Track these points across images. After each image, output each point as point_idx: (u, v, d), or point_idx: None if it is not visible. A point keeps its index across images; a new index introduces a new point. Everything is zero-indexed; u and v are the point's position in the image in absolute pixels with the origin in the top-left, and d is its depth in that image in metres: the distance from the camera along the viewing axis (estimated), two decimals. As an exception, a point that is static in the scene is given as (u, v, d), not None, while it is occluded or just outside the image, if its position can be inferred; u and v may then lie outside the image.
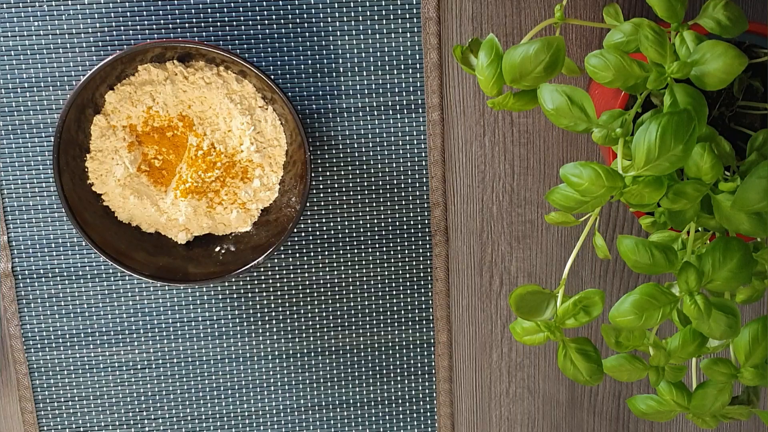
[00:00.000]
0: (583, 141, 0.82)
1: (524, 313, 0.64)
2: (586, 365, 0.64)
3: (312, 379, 0.86)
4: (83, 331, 0.83)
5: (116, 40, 0.77)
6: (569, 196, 0.59)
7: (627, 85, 0.59)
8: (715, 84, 0.57)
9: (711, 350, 0.65)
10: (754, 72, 0.72)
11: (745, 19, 0.61)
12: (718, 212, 0.60)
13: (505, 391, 0.88)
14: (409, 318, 0.85)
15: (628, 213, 0.83)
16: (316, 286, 0.83)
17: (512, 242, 0.84)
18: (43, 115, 0.78)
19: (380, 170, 0.82)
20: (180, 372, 0.84)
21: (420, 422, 0.87)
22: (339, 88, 0.79)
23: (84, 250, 0.81)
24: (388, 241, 0.83)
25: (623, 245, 0.59)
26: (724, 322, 0.60)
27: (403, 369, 0.86)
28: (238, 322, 0.84)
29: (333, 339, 0.85)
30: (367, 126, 0.80)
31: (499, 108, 0.62)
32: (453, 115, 0.81)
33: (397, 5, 0.78)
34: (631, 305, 0.59)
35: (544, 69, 0.59)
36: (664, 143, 0.55)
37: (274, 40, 0.78)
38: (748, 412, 0.67)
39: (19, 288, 0.81)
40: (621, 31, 0.61)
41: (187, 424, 0.86)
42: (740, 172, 0.63)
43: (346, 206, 0.82)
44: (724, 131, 0.73)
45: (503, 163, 0.82)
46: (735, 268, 0.59)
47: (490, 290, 0.85)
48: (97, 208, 0.77)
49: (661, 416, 0.67)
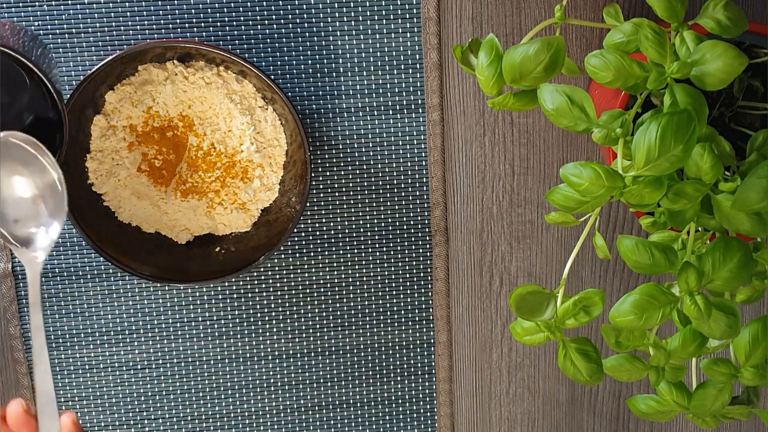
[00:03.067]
0: (583, 141, 0.82)
1: (524, 313, 0.64)
2: (586, 365, 0.64)
3: (312, 379, 0.86)
4: (83, 331, 0.83)
5: (116, 40, 0.77)
6: (569, 196, 0.59)
7: (627, 85, 0.59)
8: (715, 84, 0.57)
9: (711, 350, 0.65)
10: (754, 72, 0.72)
11: (745, 19, 0.61)
12: (718, 212, 0.60)
13: (505, 391, 0.88)
14: (409, 318, 0.85)
15: (628, 213, 0.83)
16: (316, 286, 0.83)
17: (512, 242, 0.84)
18: (43, 115, 0.78)
19: (380, 170, 0.82)
20: (180, 372, 0.84)
21: (420, 422, 0.87)
22: (339, 88, 0.79)
23: (84, 250, 0.81)
24: (388, 241, 0.83)
25: (623, 245, 0.59)
26: (724, 322, 0.60)
27: (403, 369, 0.86)
28: (238, 322, 0.84)
29: (333, 339, 0.85)
30: (367, 126, 0.80)
31: (499, 108, 0.62)
32: (453, 115, 0.81)
33: (397, 5, 0.78)
34: (631, 305, 0.59)
35: (544, 69, 0.59)
36: (664, 143, 0.55)
37: (274, 40, 0.78)
38: (748, 412, 0.67)
39: (19, 288, 0.81)
40: (621, 31, 0.61)
41: (187, 424, 0.86)
42: (740, 172, 0.63)
43: (346, 206, 0.82)
44: (724, 131, 0.73)
45: (503, 163, 0.82)
46: (735, 268, 0.59)
47: (490, 290, 0.85)
48: (97, 208, 0.77)
49: (661, 416, 0.67)
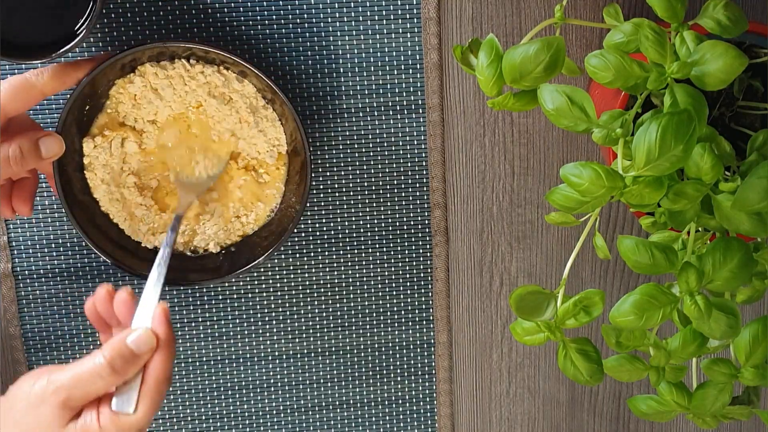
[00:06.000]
0: (583, 141, 0.82)
1: (524, 313, 0.64)
2: (587, 365, 0.64)
3: (312, 379, 0.86)
4: (83, 331, 0.82)
5: (116, 40, 0.77)
6: (569, 196, 0.59)
7: (627, 85, 0.59)
8: (715, 84, 0.57)
9: (711, 350, 0.65)
10: (754, 72, 0.72)
11: (745, 19, 0.61)
12: (718, 212, 0.60)
13: (505, 391, 0.88)
14: (409, 318, 0.85)
15: (628, 213, 0.83)
16: (316, 286, 0.83)
17: (512, 242, 0.84)
18: (43, 115, 0.78)
19: (380, 170, 0.81)
20: (180, 372, 0.84)
21: (420, 422, 0.87)
22: (339, 88, 0.79)
23: (84, 250, 0.81)
24: (388, 241, 0.83)
25: (623, 245, 0.59)
26: (724, 322, 0.60)
27: (403, 369, 0.86)
28: (238, 323, 0.84)
29: (333, 339, 0.85)
30: (367, 126, 0.80)
31: (499, 108, 0.62)
32: (453, 116, 0.81)
33: (397, 5, 0.78)
34: (631, 305, 0.59)
35: (544, 69, 0.59)
36: (665, 143, 0.55)
37: (274, 40, 0.78)
38: (749, 412, 0.67)
39: (19, 288, 0.81)
40: (621, 31, 0.61)
41: (187, 425, 0.86)
42: (740, 172, 0.63)
43: (346, 206, 0.82)
44: (724, 131, 0.73)
45: (503, 163, 0.82)
46: (735, 268, 0.59)
47: (491, 290, 0.85)
48: (96, 208, 0.77)
49: (662, 416, 0.67)
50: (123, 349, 0.64)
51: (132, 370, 0.64)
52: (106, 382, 0.63)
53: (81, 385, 0.62)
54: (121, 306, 0.68)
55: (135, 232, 0.78)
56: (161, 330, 0.65)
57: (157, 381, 0.64)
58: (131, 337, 0.64)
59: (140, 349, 0.64)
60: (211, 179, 0.77)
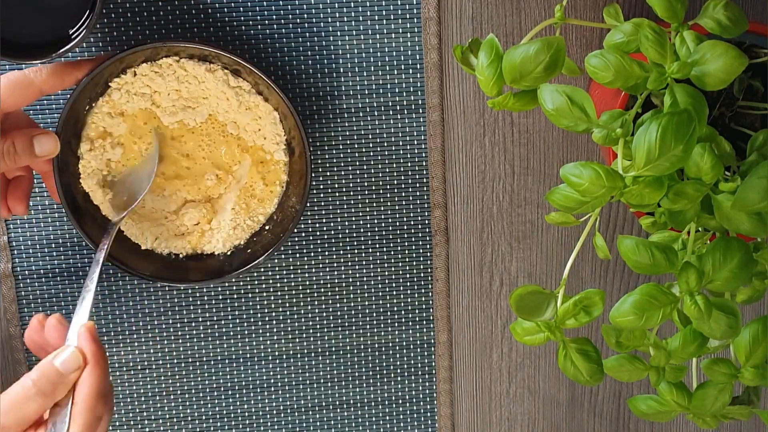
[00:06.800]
0: (583, 141, 0.82)
1: (524, 313, 0.64)
2: (587, 365, 0.64)
3: (312, 379, 0.86)
4: (83, 331, 0.83)
5: (116, 40, 0.77)
6: (569, 196, 0.59)
7: (627, 85, 0.59)
8: (715, 84, 0.57)
9: (711, 350, 0.65)
10: (754, 72, 0.72)
11: (745, 19, 0.61)
12: (718, 212, 0.60)
13: (506, 391, 0.88)
14: (409, 318, 0.85)
15: (628, 213, 0.83)
16: (316, 286, 0.83)
17: (512, 242, 0.84)
18: (42, 115, 0.78)
19: (380, 170, 0.81)
20: (180, 372, 0.84)
21: (420, 422, 0.87)
22: (339, 88, 0.79)
23: (84, 250, 0.81)
24: (388, 241, 0.83)
25: (623, 245, 0.59)
26: (724, 322, 0.60)
27: (403, 369, 0.86)
28: (238, 323, 0.84)
29: (333, 339, 0.85)
30: (367, 126, 0.80)
31: (499, 108, 0.62)
32: (453, 116, 0.81)
33: (397, 5, 0.78)
34: (631, 305, 0.59)
35: (544, 69, 0.59)
36: (665, 143, 0.55)
37: (274, 40, 0.78)
38: (749, 412, 0.67)
39: (19, 288, 0.81)
40: (621, 31, 0.61)
41: (187, 425, 0.86)
42: (740, 172, 0.63)
43: (346, 206, 0.82)
44: (724, 131, 0.73)
45: (503, 163, 0.82)
46: (735, 268, 0.59)
47: (491, 290, 0.85)
48: (96, 208, 0.77)
49: (662, 416, 0.67)
50: (49, 370, 0.64)
51: (61, 390, 0.64)
52: (38, 404, 0.63)
53: (13, 409, 0.62)
54: (51, 331, 0.69)
55: (134, 233, 0.78)
56: (88, 347, 0.65)
57: (87, 399, 0.64)
58: (58, 358, 0.64)
59: (66, 369, 0.64)
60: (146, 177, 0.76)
